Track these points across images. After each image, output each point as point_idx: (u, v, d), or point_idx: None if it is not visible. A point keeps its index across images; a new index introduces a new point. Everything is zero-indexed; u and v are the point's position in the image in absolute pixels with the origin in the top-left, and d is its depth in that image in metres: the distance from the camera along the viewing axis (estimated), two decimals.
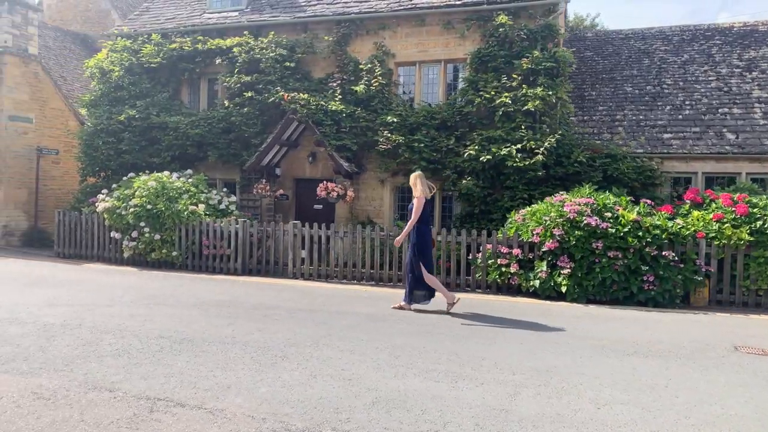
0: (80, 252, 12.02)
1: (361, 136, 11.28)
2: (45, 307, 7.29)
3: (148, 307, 7.43)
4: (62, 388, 4.34)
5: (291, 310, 7.41)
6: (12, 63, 13.79)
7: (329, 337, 6.06)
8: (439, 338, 6.12)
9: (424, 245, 7.42)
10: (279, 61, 11.91)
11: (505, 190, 10.34)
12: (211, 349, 5.48)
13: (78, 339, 5.76)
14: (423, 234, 7.43)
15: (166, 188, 10.98)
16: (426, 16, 11.43)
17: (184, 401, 4.13)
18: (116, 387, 4.39)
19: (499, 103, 10.22)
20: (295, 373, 4.81)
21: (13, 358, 5.08)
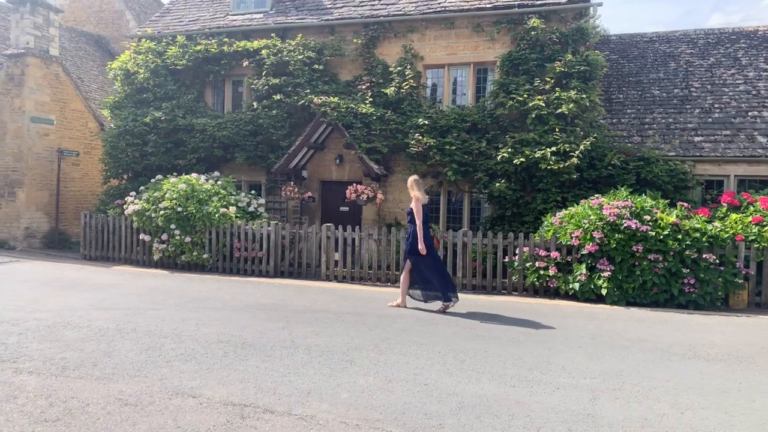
0: (107, 254, 11.98)
1: (390, 139, 11.28)
2: (92, 310, 7.27)
3: (196, 311, 7.42)
4: (144, 394, 4.34)
5: (338, 314, 7.41)
6: (34, 64, 13.74)
7: (387, 341, 6.07)
8: (498, 342, 6.12)
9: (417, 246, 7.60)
10: (307, 64, 11.91)
11: (537, 193, 10.37)
12: (275, 354, 5.49)
13: (139, 343, 5.75)
14: (425, 237, 7.62)
15: (195, 191, 10.96)
16: (455, 19, 11.44)
17: (270, 407, 4.14)
18: (197, 393, 4.40)
19: (532, 106, 10.25)
20: (369, 378, 4.83)
21: (82, 363, 5.07)
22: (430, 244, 7.69)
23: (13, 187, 13.76)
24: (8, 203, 13.83)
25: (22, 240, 13.72)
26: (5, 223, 13.84)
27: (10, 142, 13.73)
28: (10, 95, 13.70)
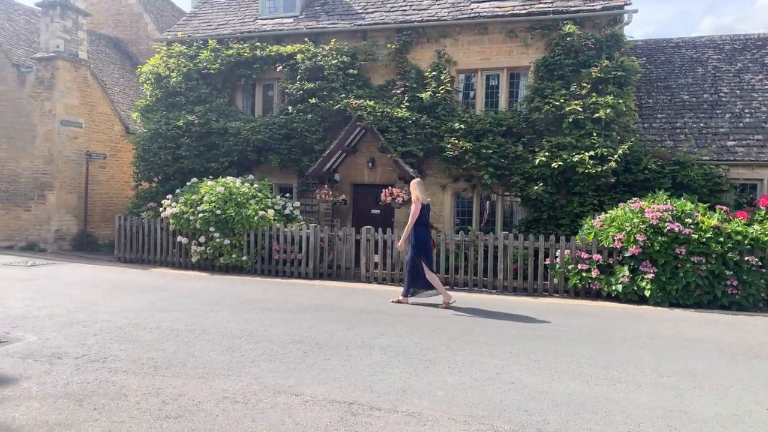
0: (141, 256, 12.08)
1: (425, 143, 11.45)
2: (153, 312, 7.39)
3: (254, 312, 7.55)
4: (248, 393, 4.47)
5: (393, 315, 7.55)
6: (64, 68, 13.83)
7: (455, 341, 6.22)
8: (562, 342, 6.27)
9: (424, 246, 8.06)
10: (341, 68, 12.06)
11: (573, 196, 10.56)
12: (353, 354, 5.63)
13: (216, 344, 5.88)
14: (422, 236, 8.10)
15: (233, 194, 11.08)
16: (488, 25, 11.63)
17: (375, 405, 4.28)
18: (297, 391, 4.53)
19: (569, 110, 10.44)
20: (456, 377, 4.97)
21: (171, 363, 5.20)
22: (428, 245, 8.13)
23: (43, 189, 13.84)
24: (38, 206, 13.91)
25: (52, 242, 13.80)
26: (35, 225, 13.91)
27: (40, 145, 13.81)
28: (40, 98, 13.79)
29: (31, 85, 13.83)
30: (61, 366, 5.01)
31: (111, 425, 3.78)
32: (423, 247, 8.03)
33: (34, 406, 4.07)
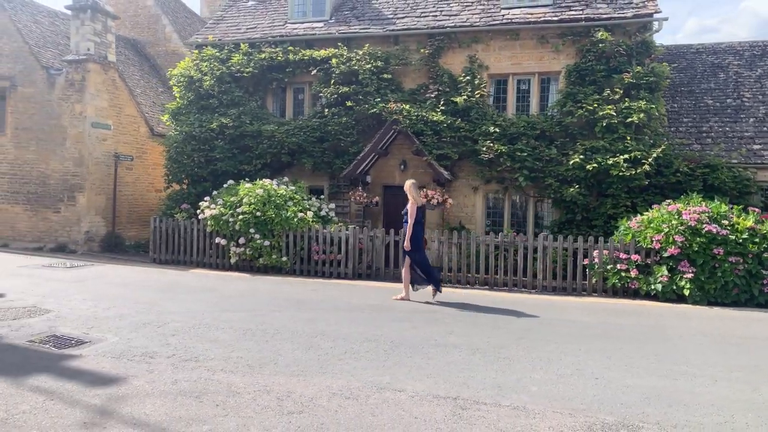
0: (177, 257, 12.23)
1: (459, 146, 11.72)
2: (218, 312, 7.58)
3: (315, 312, 7.77)
4: (353, 389, 4.69)
5: (451, 315, 7.80)
6: (94, 70, 13.93)
7: (523, 339, 6.47)
8: (626, 340, 6.54)
9: (416, 244, 8.64)
10: (374, 73, 12.29)
11: (605, 198, 10.87)
12: (431, 352, 5.86)
13: (295, 343, 6.09)
14: (416, 233, 8.65)
15: (271, 196, 11.27)
16: (520, 31, 11.92)
17: (478, 399, 4.52)
18: (398, 387, 4.76)
19: (603, 115, 10.75)
20: (541, 373, 5.22)
21: (262, 361, 5.40)
22: (421, 244, 8.74)
23: (73, 191, 13.94)
24: (68, 207, 14.01)
25: (82, 244, 13.90)
26: (65, 227, 14.01)
27: (71, 147, 13.91)
28: (70, 101, 13.89)
29: (61, 87, 13.93)
30: (157, 365, 5.20)
31: (242, 420, 3.99)
32: (415, 245, 8.63)
33: (158, 403, 4.27)
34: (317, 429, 3.87)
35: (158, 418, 3.98)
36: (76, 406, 4.19)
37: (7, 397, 4.31)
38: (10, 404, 4.17)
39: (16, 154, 14.37)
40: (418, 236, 8.72)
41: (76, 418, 3.95)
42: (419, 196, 8.74)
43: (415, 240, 8.61)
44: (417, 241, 8.67)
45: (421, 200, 8.82)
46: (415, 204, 8.62)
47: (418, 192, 8.78)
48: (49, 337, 6.09)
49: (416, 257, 8.67)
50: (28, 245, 14.21)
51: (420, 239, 8.77)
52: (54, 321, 6.78)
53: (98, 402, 4.27)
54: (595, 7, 11.63)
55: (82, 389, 4.53)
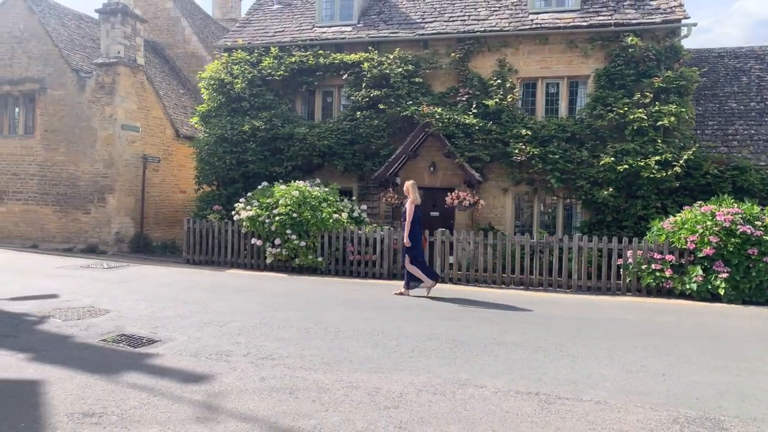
0: (210, 258, 12.42)
1: (491, 148, 11.94)
2: (272, 311, 7.78)
3: (366, 311, 7.98)
4: (437, 385, 4.88)
5: (498, 314, 8.01)
6: (124, 73, 14.11)
7: (577, 338, 6.68)
8: (678, 337, 6.78)
9: (414, 240, 9.09)
10: (405, 76, 12.51)
11: (635, 199, 11.11)
12: (495, 350, 6.07)
13: (360, 341, 6.28)
14: (414, 232, 9.11)
15: (306, 197, 11.46)
16: (549, 36, 12.14)
17: (558, 394, 4.71)
18: (479, 383, 4.95)
19: (634, 118, 10.99)
20: (607, 369, 5.43)
21: (337, 359, 5.59)
22: (419, 242, 9.22)
23: (103, 192, 14.11)
24: (98, 208, 14.17)
25: (112, 244, 14.07)
26: (95, 228, 14.18)
27: (101, 149, 14.08)
28: (101, 103, 14.05)
29: (91, 90, 14.09)
30: (237, 363, 5.38)
31: (344, 414, 4.18)
32: (413, 242, 9.12)
33: (256, 399, 4.46)
34: (419, 423, 4.06)
35: (264, 413, 4.17)
36: (181, 402, 4.37)
37: (111, 394, 4.49)
38: (118, 400, 4.35)
39: (46, 156, 14.53)
40: (417, 234, 9.19)
41: (187, 413, 4.13)
42: (419, 196, 9.28)
43: (413, 237, 9.09)
44: (416, 238, 9.15)
45: (419, 200, 9.32)
46: (413, 203, 9.07)
47: (417, 192, 9.27)
48: (120, 337, 6.28)
49: (414, 253, 9.16)
50: (58, 246, 14.37)
51: (419, 237, 9.24)
52: (117, 321, 6.96)
53: (200, 398, 4.45)
54: (623, 12, 11.86)
55: (177, 386, 4.71)
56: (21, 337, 6.09)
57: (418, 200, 9.18)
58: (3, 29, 14.89)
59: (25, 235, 14.77)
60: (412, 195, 9.12)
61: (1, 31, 14.90)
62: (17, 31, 14.77)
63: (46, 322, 6.81)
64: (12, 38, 14.79)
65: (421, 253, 9.24)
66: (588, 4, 12.36)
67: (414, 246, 9.09)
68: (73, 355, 5.52)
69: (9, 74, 14.79)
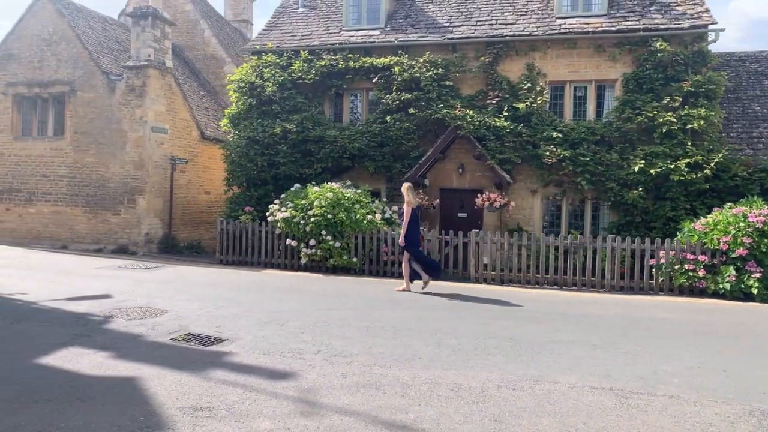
0: (244, 259, 12.62)
1: (521, 150, 12.19)
2: (325, 311, 7.99)
3: (414, 310, 8.21)
4: (513, 380, 5.08)
5: (542, 313, 8.24)
6: (154, 76, 14.29)
7: (627, 336, 6.91)
8: (725, 336, 7.03)
9: (412, 241, 9.60)
10: (435, 80, 12.74)
11: (664, 201, 11.36)
12: (554, 348, 6.28)
13: (421, 340, 6.49)
14: (411, 231, 9.60)
15: (340, 199, 11.67)
16: (577, 40, 12.38)
17: (631, 389, 4.91)
18: (552, 379, 5.16)
19: (663, 121, 11.25)
20: (669, 366, 5.64)
21: (406, 356, 5.80)
22: (417, 240, 9.71)
23: (133, 194, 14.29)
24: (127, 210, 14.35)
25: (142, 245, 14.26)
26: (125, 229, 14.36)
27: (131, 150, 14.26)
28: (131, 105, 14.23)
29: (121, 92, 14.27)
30: (312, 360, 5.59)
31: (437, 409, 4.39)
32: (410, 241, 9.60)
33: (347, 394, 4.66)
34: (511, 416, 4.28)
35: (360, 408, 4.38)
36: (277, 397, 4.58)
37: (207, 390, 4.70)
38: (218, 396, 4.56)
39: (75, 158, 14.71)
40: (415, 233, 9.68)
41: (289, 408, 4.34)
42: (415, 198, 9.77)
43: (411, 237, 9.58)
44: (413, 237, 9.63)
45: (416, 202, 9.82)
46: (409, 205, 9.54)
47: (414, 194, 9.78)
48: (188, 336, 6.48)
49: (413, 252, 9.64)
50: (88, 247, 14.55)
51: (416, 236, 9.74)
52: (178, 320, 7.15)
53: (293, 394, 4.66)
54: (650, 17, 12.10)
55: (265, 382, 4.92)
56: (95, 337, 6.29)
57: (414, 203, 9.64)
58: (32, 32, 15.06)
59: (55, 236, 14.95)
60: (409, 197, 9.58)
61: (30, 34, 15.08)
62: (46, 34, 14.95)
63: (111, 321, 7.01)
64: (41, 41, 14.97)
65: (419, 251, 9.72)
66: (614, 9, 12.60)
67: (412, 244, 9.59)
68: (152, 353, 5.73)
69: (38, 76, 14.96)
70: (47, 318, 7.08)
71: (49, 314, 7.29)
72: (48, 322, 6.88)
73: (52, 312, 7.43)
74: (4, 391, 4.49)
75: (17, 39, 15.19)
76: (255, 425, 4.00)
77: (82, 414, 4.10)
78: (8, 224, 15.31)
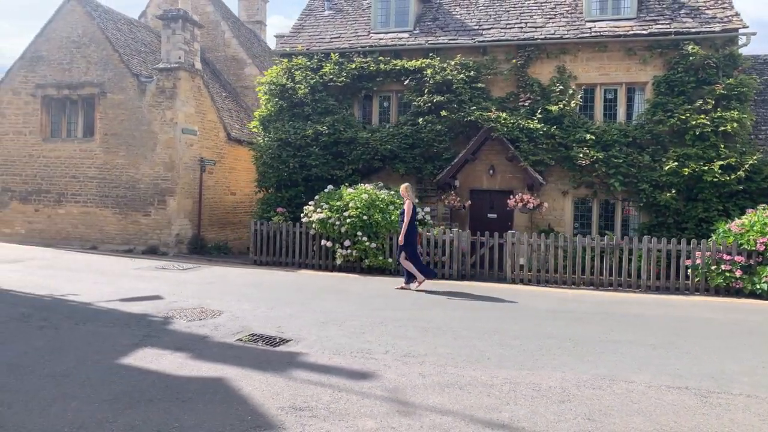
0: (278, 259, 12.76)
1: (553, 152, 12.33)
2: (376, 311, 8.13)
3: (461, 310, 8.35)
4: (589, 380, 5.20)
5: (589, 314, 8.38)
6: (184, 78, 14.40)
7: (680, 335, 7.05)
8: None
9: (410, 240, 9.87)
10: (467, 82, 12.88)
11: (696, 202, 11.52)
12: (615, 348, 6.40)
13: (482, 340, 6.62)
14: (409, 231, 9.86)
15: (374, 200, 11.80)
16: (608, 43, 12.52)
17: (708, 389, 5.03)
18: (626, 379, 5.28)
19: (696, 124, 11.40)
20: (734, 365, 5.77)
21: (473, 357, 5.93)
22: (415, 240, 10.03)
23: (163, 195, 14.40)
24: (158, 211, 14.47)
25: (173, 246, 14.38)
26: (155, 230, 14.48)
27: (161, 152, 14.37)
28: (161, 107, 14.34)
29: (151, 94, 14.38)
30: (384, 360, 5.71)
31: (527, 408, 4.51)
32: (409, 241, 9.88)
33: (433, 394, 4.78)
34: (602, 414, 4.41)
35: (453, 407, 4.51)
36: (369, 397, 4.70)
37: (297, 389, 4.82)
38: (311, 395, 4.67)
39: (105, 159, 14.82)
40: (413, 234, 9.93)
41: (385, 407, 4.46)
42: (413, 198, 10.09)
43: (410, 236, 9.82)
44: (412, 236, 9.89)
45: (415, 201, 10.15)
46: (410, 205, 9.80)
47: (412, 194, 10.12)
48: (253, 336, 6.60)
49: (409, 250, 9.83)
50: (117, 247, 14.67)
51: (415, 236, 10.01)
52: (237, 321, 7.28)
53: (380, 393, 4.79)
54: (680, 21, 12.25)
55: (349, 382, 5.05)
56: (163, 338, 6.41)
57: (414, 201, 10.00)
58: (61, 34, 15.17)
59: (84, 237, 15.06)
60: (409, 197, 9.88)
61: (59, 36, 15.18)
62: (75, 36, 15.05)
63: (172, 322, 7.13)
64: (70, 43, 15.07)
65: (414, 250, 9.95)
66: (644, 12, 12.74)
67: (409, 243, 9.83)
68: (225, 354, 5.85)
69: (68, 78, 15.07)
70: (110, 319, 7.20)
71: (109, 315, 7.42)
72: (112, 323, 7.01)
73: (111, 313, 7.56)
74: (104, 392, 4.61)
75: (46, 41, 15.30)
76: (360, 424, 4.13)
77: (189, 413, 4.23)
78: (37, 225, 15.42)
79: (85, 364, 5.36)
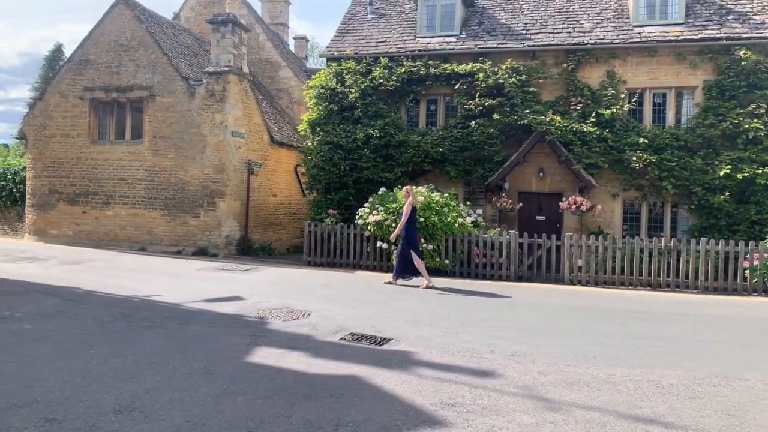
0: (331, 260, 12.97)
1: (605, 155, 12.56)
2: (456, 311, 8.33)
3: (544, 312, 8.53)
4: (703, 378, 5.39)
5: (668, 315, 8.58)
6: (233, 81, 14.61)
7: (765, 336, 7.28)
8: None
9: (413, 240, 10.34)
10: (518, 86, 13.10)
11: (748, 205, 11.74)
12: (710, 347, 6.61)
13: (578, 340, 6.81)
14: (411, 232, 10.34)
15: (430, 203, 12.00)
16: (657, 48, 12.75)
17: None
18: (739, 377, 5.47)
19: (749, 128, 11.64)
20: None
21: (580, 356, 6.12)
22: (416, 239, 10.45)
23: (213, 197, 14.61)
24: (207, 212, 14.67)
25: (222, 247, 14.58)
26: (204, 231, 14.68)
27: (210, 154, 14.58)
28: (211, 110, 14.55)
29: (201, 97, 14.59)
30: (495, 359, 5.90)
31: (665, 405, 4.70)
32: (412, 241, 10.32)
33: (566, 391, 4.99)
34: (738, 410, 4.61)
35: (592, 402, 4.71)
36: (508, 394, 4.89)
37: (433, 387, 5.00)
38: (451, 393, 4.85)
39: (154, 161, 15.02)
40: (414, 234, 10.40)
41: (528, 404, 4.66)
42: (414, 198, 10.54)
43: (411, 237, 10.26)
44: (413, 238, 10.32)
45: (416, 202, 10.61)
46: (409, 206, 10.22)
47: (414, 195, 10.59)
48: (354, 336, 6.80)
49: (411, 249, 10.23)
50: (166, 249, 14.87)
51: (414, 235, 10.42)
52: (329, 320, 7.48)
53: (515, 390, 4.99)
54: (729, 26, 12.47)
55: (477, 380, 5.24)
56: (271, 337, 6.60)
57: (414, 202, 10.42)
58: (110, 38, 15.37)
59: (132, 238, 15.26)
60: (411, 198, 10.31)
61: (108, 40, 15.39)
62: (124, 40, 15.26)
63: (269, 322, 7.34)
64: (119, 46, 15.28)
65: (417, 250, 10.35)
66: (691, 17, 12.97)
67: (410, 242, 10.22)
68: (341, 352, 6.05)
69: (116, 81, 15.28)
70: (207, 319, 7.40)
71: (204, 315, 7.61)
72: (212, 323, 7.21)
73: (205, 314, 7.75)
74: (258, 389, 4.81)
75: (94, 45, 15.50)
76: (517, 419, 4.34)
77: (354, 409, 4.42)
78: (85, 226, 15.62)
79: (217, 362, 5.54)
